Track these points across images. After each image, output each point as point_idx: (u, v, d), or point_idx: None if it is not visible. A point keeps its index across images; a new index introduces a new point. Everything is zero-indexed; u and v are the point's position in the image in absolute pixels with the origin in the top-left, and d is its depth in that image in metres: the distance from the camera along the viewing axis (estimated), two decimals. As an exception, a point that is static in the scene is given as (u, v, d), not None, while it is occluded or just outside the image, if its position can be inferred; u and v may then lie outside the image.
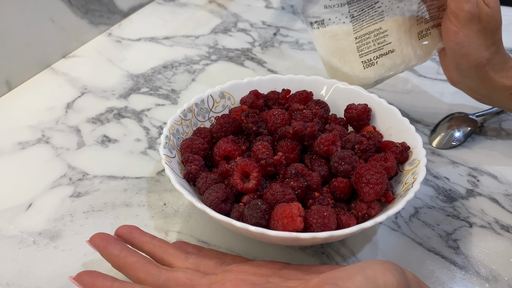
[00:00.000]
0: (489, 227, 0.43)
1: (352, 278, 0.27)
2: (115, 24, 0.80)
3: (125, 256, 0.34)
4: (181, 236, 0.42)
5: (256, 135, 0.45)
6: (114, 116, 0.58)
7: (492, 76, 0.45)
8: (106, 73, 0.67)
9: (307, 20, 0.51)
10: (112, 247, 0.34)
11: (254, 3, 0.88)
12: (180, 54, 0.72)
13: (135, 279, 0.33)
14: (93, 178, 0.49)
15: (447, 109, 0.59)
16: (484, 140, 0.54)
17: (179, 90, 0.63)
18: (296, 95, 0.49)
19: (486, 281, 0.38)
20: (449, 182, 0.48)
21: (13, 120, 0.57)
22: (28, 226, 0.43)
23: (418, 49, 0.50)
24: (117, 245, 0.34)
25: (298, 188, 0.38)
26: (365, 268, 0.28)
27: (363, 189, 0.38)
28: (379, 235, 0.42)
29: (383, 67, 0.50)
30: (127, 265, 0.33)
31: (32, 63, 0.65)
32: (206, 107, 0.49)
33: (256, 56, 0.71)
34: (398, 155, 0.42)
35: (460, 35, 0.43)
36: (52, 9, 0.66)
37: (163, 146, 0.42)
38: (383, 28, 0.49)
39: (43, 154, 0.52)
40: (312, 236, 0.33)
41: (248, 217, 0.36)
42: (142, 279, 0.33)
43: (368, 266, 0.28)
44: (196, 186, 0.40)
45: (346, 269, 0.28)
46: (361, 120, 0.47)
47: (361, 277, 0.27)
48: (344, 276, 0.28)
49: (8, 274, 0.39)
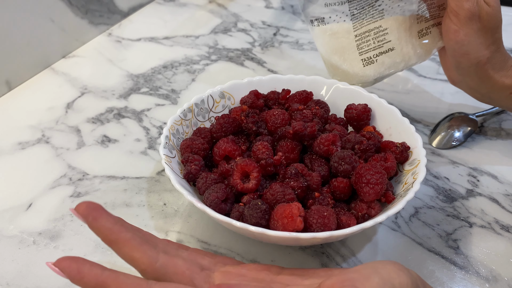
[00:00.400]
0: (489, 227, 0.43)
1: (369, 280, 0.27)
2: (115, 24, 0.80)
3: (119, 231, 0.29)
4: (181, 236, 0.42)
5: (256, 135, 0.45)
6: (114, 116, 0.58)
7: (492, 75, 0.45)
8: (106, 73, 0.67)
9: (307, 18, 0.51)
10: (104, 219, 0.29)
11: (254, 3, 0.88)
12: (180, 54, 0.72)
13: (129, 258, 0.29)
14: (93, 178, 0.49)
15: (447, 109, 0.59)
16: (484, 140, 0.54)
17: (179, 90, 0.63)
18: (296, 95, 0.49)
19: (486, 281, 0.38)
20: (449, 182, 0.48)
21: (13, 120, 0.57)
22: (28, 226, 0.43)
23: (418, 47, 0.50)
24: (110, 217, 0.30)
25: (298, 188, 0.38)
26: (378, 269, 0.28)
27: (363, 189, 0.38)
28: (379, 235, 0.42)
29: (383, 65, 0.50)
30: (121, 240, 0.29)
31: (32, 63, 0.65)
32: (206, 107, 0.49)
33: (256, 56, 0.71)
34: (398, 155, 0.42)
35: (460, 34, 0.43)
36: (52, 9, 0.66)
37: (163, 146, 0.42)
38: (383, 26, 0.49)
39: (43, 154, 0.52)
40: (312, 236, 0.33)
41: (248, 217, 0.36)
42: (136, 258, 0.29)
43: (381, 267, 0.28)
44: (196, 186, 0.40)
45: (358, 271, 0.28)
46: (361, 120, 0.47)
47: (377, 278, 0.27)
48: (361, 278, 0.27)
49: (8, 274, 0.39)
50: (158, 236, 0.41)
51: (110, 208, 0.45)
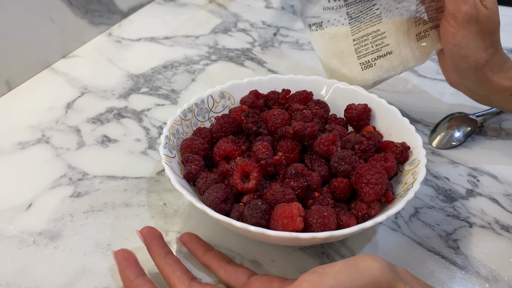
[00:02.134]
0: (489, 227, 0.43)
1: (332, 266, 0.29)
2: (115, 24, 0.80)
3: (138, 284, 0.34)
4: (181, 236, 0.42)
5: (256, 135, 0.45)
6: (114, 116, 0.58)
7: (491, 77, 0.45)
8: (106, 73, 0.67)
9: (305, 22, 0.51)
10: (130, 271, 0.35)
11: (254, 3, 0.88)
12: (180, 54, 0.72)
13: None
14: (93, 178, 0.49)
15: (447, 109, 0.59)
16: (484, 140, 0.54)
17: (179, 90, 0.63)
18: (296, 95, 0.49)
19: (486, 281, 0.38)
20: (449, 182, 0.48)
21: (13, 120, 0.57)
22: (28, 226, 0.43)
23: (416, 50, 0.50)
24: (135, 270, 0.35)
25: (298, 188, 0.38)
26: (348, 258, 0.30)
27: (363, 189, 0.38)
28: (379, 235, 0.42)
29: (381, 68, 0.50)
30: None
31: (32, 63, 0.65)
32: (206, 107, 0.49)
33: (256, 56, 0.71)
34: (398, 155, 0.42)
35: (458, 37, 0.43)
36: (52, 9, 0.66)
37: (163, 146, 0.42)
38: (381, 30, 0.49)
39: (43, 154, 0.52)
40: (312, 236, 0.33)
41: (248, 217, 0.36)
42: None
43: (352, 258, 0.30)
44: (196, 186, 0.40)
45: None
46: (361, 120, 0.47)
47: (341, 263, 0.29)
48: (325, 265, 0.29)
49: (8, 274, 0.39)
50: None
51: (110, 208, 0.45)
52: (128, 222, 0.43)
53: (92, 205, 0.45)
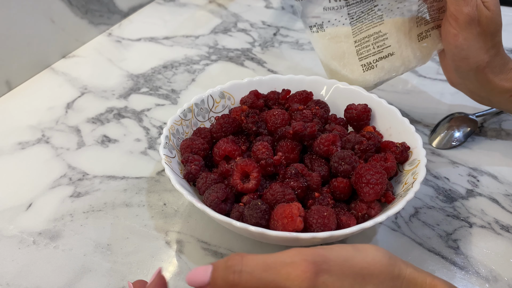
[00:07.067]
0: (489, 227, 0.43)
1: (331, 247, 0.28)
2: (115, 24, 0.80)
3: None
4: (181, 236, 0.42)
5: (256, 135, 0.45)
6: (114, 116, 0.58)
7: (492, 79, 0.45)
8: (106, 73, 0.67)
9: (306, 23, 0.51)
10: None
11: (254, 3, 0.88)
12: (180, 54, 0.72)
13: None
14: (93, 178, 0.49)
15: (447, 109, 0.59)
16: (484, 140, 0.54)
17: (179, 90, 0.63)
18: (296, 95, 0.49)
19: (486, 281, 0.38)
20: (449, 182, 0.48)
21: (13, 120, 0.57)
22: (28, 226, 0.43)
23: (417, 51, 0.49)
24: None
25: (298, 188, 0.38)
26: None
27: (363, 189, 0.38)
28: (379, 235, 0.42)
29: (383, 70, 0.50)
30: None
31: (32, 63, 0.65)
32: (206, 107, 0.49)
33: (256, 56, 0.71)
34: (398, 155, 0.42)
35: (459, 38, 0.43)
36: (52, 9, 0.66)
37: (163, 146, 0.42)
38: (382, 31, 0.49)
39: (43, 154, 0.52)
40: (312, 236, 0.33)
41: (248, 217, 0.36)
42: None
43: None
44: (196, 186, 0.40)
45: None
46: (361, 120, 0.47)
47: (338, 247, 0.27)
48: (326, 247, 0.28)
49: (8, 274, 0.39)
50: (158, 236, 0.41)
51: (110, 208, 0.45)
52: (128, 222, 0.43)
53: (92, 205, 0.45)
